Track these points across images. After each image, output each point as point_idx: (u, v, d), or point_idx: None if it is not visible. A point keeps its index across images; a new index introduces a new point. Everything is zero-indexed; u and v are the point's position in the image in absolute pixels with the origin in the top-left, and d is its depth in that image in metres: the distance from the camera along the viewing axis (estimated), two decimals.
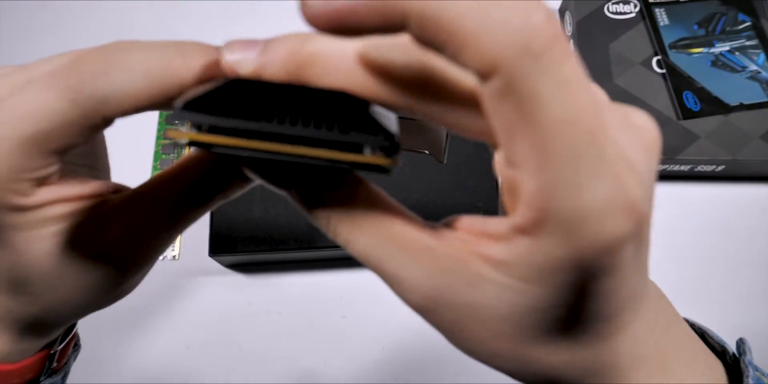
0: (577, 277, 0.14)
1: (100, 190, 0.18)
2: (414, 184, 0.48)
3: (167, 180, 0.18)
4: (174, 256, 0.52)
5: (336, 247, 0.47)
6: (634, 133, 0.15)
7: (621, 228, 0.13)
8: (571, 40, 0.58)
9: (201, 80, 0.16)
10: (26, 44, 0.61)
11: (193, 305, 0.51)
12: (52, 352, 0.23)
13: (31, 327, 0.21)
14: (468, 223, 0.16)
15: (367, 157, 0.15)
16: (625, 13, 0.57)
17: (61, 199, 0.17)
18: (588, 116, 0.12)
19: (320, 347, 0.50)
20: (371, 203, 0.16)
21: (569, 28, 0.58)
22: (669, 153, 0.51)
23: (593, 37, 0.56)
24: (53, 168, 0.16)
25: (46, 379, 0.24)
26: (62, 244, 0.17)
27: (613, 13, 0.57)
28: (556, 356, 0.16)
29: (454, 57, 0.12)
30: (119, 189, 0.19)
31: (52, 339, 0.24)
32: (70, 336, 0.25)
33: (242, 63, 0.15)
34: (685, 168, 0.53)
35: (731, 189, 0.54)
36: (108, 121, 0.16)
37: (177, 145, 0.60)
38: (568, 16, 0.59)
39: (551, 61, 0.12)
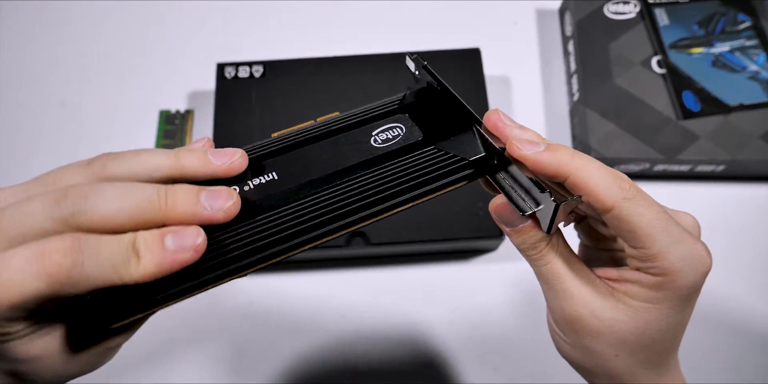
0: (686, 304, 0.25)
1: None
2: None
3: None
4: None
5: (335, 247, 0.47)
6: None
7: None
8: (571, 40, 0.58)
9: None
10: (26, 44, 0.62)
11: (194, 305, 0.52)
12: None
13: None
14: (604, 273, 0.27)
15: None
16: (624, 13, 0.57)
17: (39, 333, 0.23)
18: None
19: (320, 347, 0.50)
20: (568, 247, 0.27)
21: (569, 28, 0.58)
22: (669, 153, 0.51)
23: (593, 37, 0.56)
24: (25, 321, 0.22)
25: None
26: (49, 349, 0.23)
27: (613, 13, 0.57)
28: (641, 376, 0.26)
29: (588, 203, 0.24)
30: None
31: None
32: None
33: None
34: (685, 168, 0.53)
35: (731, 189, 0.54)
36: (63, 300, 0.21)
37: None
38: (568, 16, 0.59)
39: (639, 203, 0.24)
